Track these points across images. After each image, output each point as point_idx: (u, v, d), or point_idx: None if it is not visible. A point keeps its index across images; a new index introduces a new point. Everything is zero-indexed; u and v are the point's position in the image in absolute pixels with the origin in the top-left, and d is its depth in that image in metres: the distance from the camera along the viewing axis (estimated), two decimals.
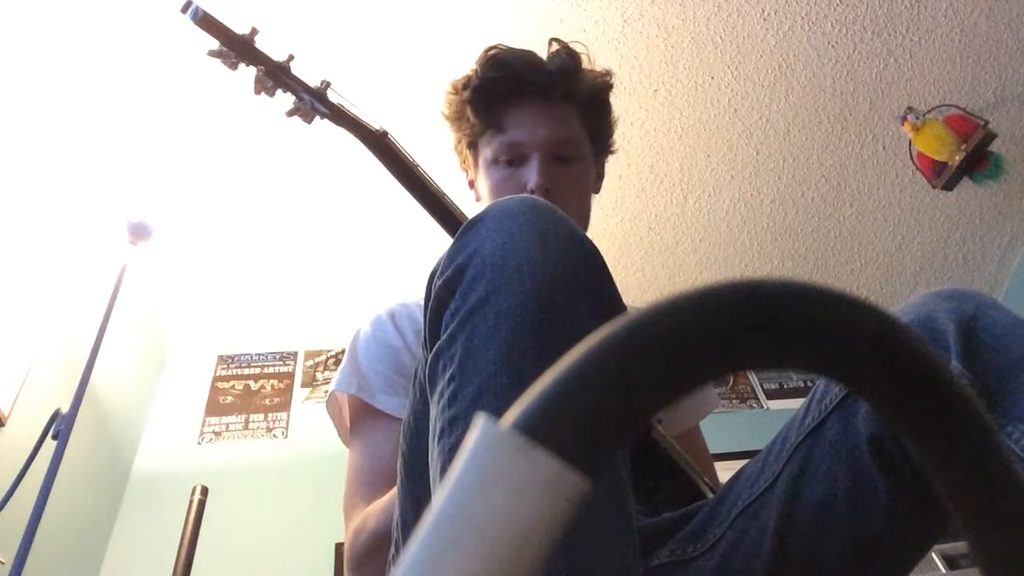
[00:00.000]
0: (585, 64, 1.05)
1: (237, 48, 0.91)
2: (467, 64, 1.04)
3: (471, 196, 1.10)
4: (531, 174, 0.97)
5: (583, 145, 1.04)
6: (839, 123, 2.43)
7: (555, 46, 1.04)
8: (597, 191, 1.10)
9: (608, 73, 1.08)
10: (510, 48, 1.03)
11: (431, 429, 0.51)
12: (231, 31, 0.90)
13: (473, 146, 1.06)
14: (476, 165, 1.06)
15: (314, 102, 0.94)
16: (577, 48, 1.04)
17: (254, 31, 0.92)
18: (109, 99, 1.95)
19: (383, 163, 0.96)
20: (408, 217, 2.25)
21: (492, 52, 1.02)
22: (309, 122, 0.96)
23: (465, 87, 1.02)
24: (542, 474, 0.18)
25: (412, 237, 2.40)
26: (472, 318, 0.50)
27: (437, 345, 0.53)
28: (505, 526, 0.18)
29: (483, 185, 1.04)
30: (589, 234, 0.68)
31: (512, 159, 1.00)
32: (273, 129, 2.08)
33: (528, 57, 1.02)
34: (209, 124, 2.07)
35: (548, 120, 1.00)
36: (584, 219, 1.04)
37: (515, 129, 0.99)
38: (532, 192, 0.96)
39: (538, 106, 1.00)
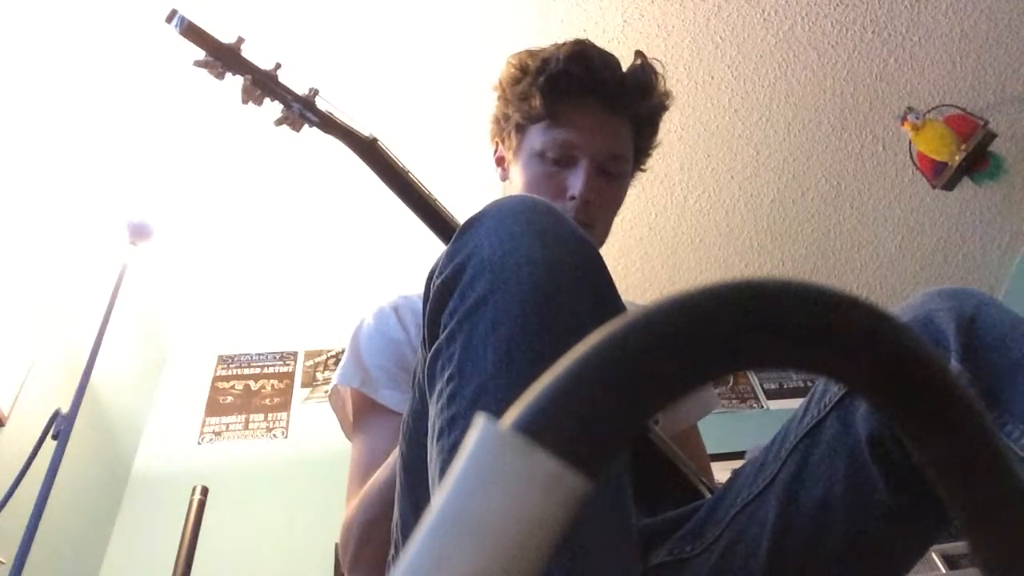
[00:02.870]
0: (659, 85, 1.03)
1: (224, 58, 0.90)
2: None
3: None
4: (577, 182, 0.95)
5: (628, 163, 1.03)
6: (839, 123, 2.43)
7: (639, 60, 1.02)
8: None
9: (668, 95, 1.06)
10: (596, 46, 1.00)
11: (430, 429, 0.50)
12: (217, 41, 0.90)
13: (521, 129, 1.02)
14: (518, 148, 1.02)
15: (303, 110, 0.93)
16: (656, 67, 1.02)
17: (240, 40, 0.91)
18: (109, 100, 1.95)
19: (373, 169, 0.96)
20: (407, 217, 2.24)
21: (580, 46, 0.99)
22: (298, 130, 0.95)
23: (540, 71, 0.98)
24: (542, 474, 0.18)
25: (411, 237, 2.40)
26: (471, 318, 0.50)
27: (436, 345, 0.53)
28: (505, 526, 0.18)
29: (519, 173, 1.01)
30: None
31: (559, 158, 0.97)
32: (272, 130, 2.07)
33: (612, 63, 1.00)
34: (209, 124, 2.07)
35: (607, 130, 0.98)
36: (607, 234, 1.02)
37: (573, 129, 0.97)
38: (573, 199, 0.95)
39: (602, 113, 0.98)
